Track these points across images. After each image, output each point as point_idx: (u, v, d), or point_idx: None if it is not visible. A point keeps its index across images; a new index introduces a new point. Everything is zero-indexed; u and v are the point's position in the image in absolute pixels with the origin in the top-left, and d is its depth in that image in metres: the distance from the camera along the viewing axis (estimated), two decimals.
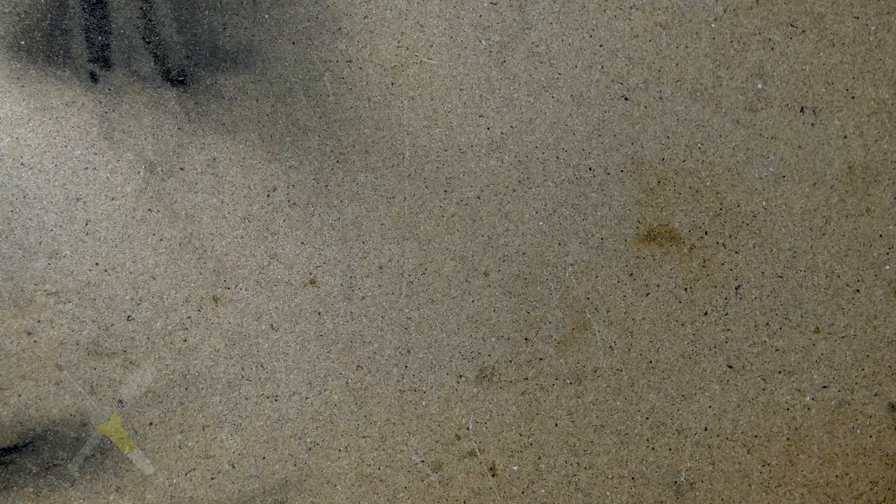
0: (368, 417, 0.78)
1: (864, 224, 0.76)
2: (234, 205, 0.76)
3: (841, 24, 0.74)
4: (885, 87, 0.74)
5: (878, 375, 0.77)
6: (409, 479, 0.78)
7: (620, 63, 0.74)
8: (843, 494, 0.78)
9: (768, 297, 0.76)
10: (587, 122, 0.75)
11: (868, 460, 0.78)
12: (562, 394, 0.77)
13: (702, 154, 0.75)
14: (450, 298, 0.77)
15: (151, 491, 0.78)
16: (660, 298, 0.76)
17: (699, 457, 0.78)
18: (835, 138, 0.75)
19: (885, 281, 0.76)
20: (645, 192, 0.75)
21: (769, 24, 0.74)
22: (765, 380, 0.77)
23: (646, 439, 0.78)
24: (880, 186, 0.75)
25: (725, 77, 0.74)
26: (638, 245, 0.76)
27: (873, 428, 0.77)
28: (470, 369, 0.77)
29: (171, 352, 0.77)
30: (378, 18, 0.73)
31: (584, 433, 0.78)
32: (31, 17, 0.73)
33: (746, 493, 0.78)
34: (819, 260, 0.76)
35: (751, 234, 0.76)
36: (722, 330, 0.76)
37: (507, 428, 0.78)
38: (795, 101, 0.75)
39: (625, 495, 0.78)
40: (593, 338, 0.77)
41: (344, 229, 0.76)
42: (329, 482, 0.78)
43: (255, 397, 0.77)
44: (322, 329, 0.77)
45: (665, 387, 0.77)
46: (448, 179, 0.75)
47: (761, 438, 0.78)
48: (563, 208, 0.75)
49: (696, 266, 0.76)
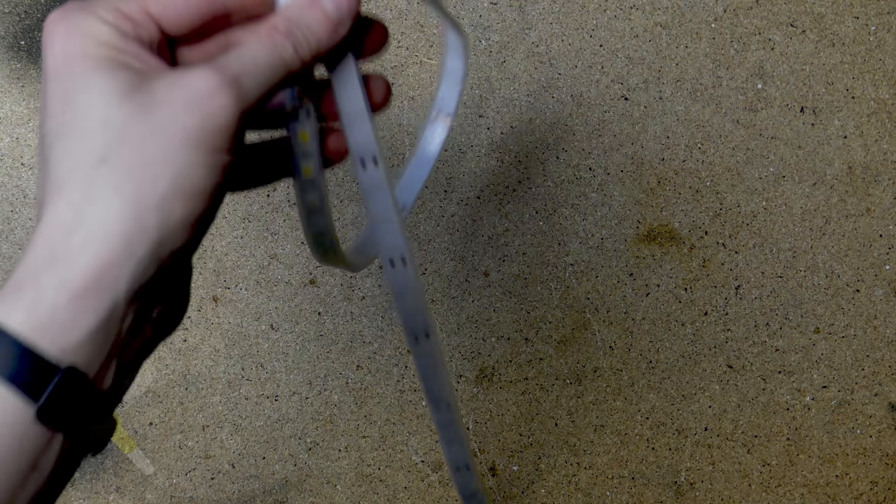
0: (368, 417, 0.78)
1: (864, 224, 0.76)
2: (234, 205, 0.76)
3: (841, 24, 0.74)
4: (885, 87, 0.74)
5: (878, 375, 0.77)
6: (409, 479, 0.78)
7: (620, 63, 0.74)
8: (843, 494, 0.78)
9: (768, 297, 0.76)
10: (587, 122, 0.75)
11: (868, 460, 0.78)
12: (562, 394, 0.77)
13: (702, 154, 0.75)
14: (450, 298, 0.77)
15: (151, 491, 0.78)
16: (660, 298, 0.76)
17: (699, 457, 0.78)
18: (835, 138, 0.75)
19: (885, 281, 0.76)
20: (645, 192, 0.75)
21: (769, 24, 0.74)
22: (765, 380, 0.77)
23: (646, 439, 0.78)
24: (880, 186, 0.75)
25: (725, 77, 0.74)
26: (638, 245, 0.76)
27: (873, 428, 0.77)
28: (470, 369, 0.77)
29: (171, 352, 0.77)
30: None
31: (584, 433, 0.78)
32: (31, 17, 0.73)
33: (746, 493, 0.78)
34: (819, 260, 0.76)
35: (751, 234, 0.76)
36: (722, 330, 0.77)
37: (507, 428, 0.78)
38: (795, 101, 0.75)
39: (625, 495, 0.78)
40: (593, 338, 0.77)
41: (344, 229, 0.76)
42: (329, 482, 0.78)
43: (255, 397, 0.77)
44: (322, 329, 0.77)
45: (665, 387, 0.77)
46: (448, 179, 0.75)
47: (761, 438, 0.78)
48: (563, 208, 0.75)
49: (696, 266, 0.76)
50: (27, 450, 0.31)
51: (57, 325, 0.31)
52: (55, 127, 0.33)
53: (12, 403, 0.30)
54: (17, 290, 0.32)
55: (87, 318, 0.31)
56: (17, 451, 0.31)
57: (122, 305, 0.32)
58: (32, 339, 0.31)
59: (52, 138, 0.33)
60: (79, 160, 0.33)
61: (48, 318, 0.31)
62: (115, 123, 0.33)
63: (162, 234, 0.32)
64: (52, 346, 0.31)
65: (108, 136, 0.33)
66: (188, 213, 0.33)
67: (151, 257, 0.32)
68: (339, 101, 0.38)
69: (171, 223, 0.33)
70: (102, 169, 0.32)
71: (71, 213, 0.32)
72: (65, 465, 0.33)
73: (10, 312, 0.31)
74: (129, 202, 0.32)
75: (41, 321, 0.31)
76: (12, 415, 0.30)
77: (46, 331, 0.31)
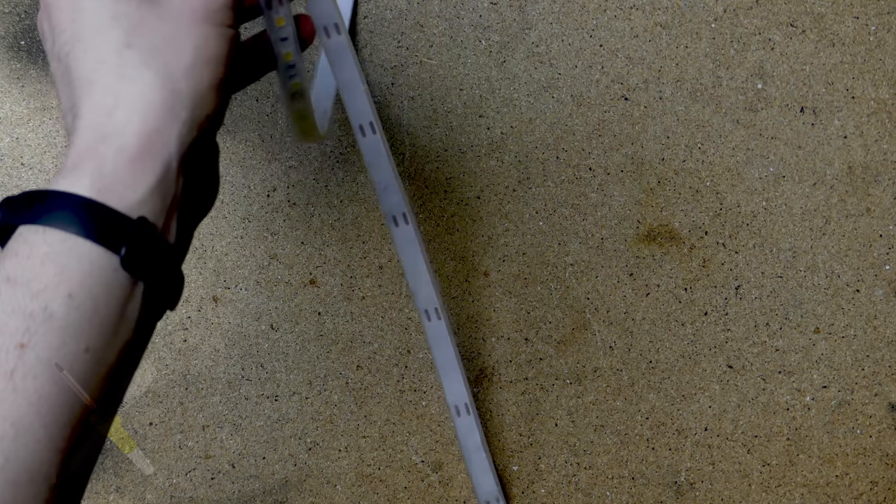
0: (368, 417, 0.78)
1: (864, 224, 0.75)
2: (234, 205, 0.76)
3: (841, 24, 0.74)
4: (885, 87, 0.74)
5: (878, 375, 0.77)
6: (409, 479, 0.78)
7: (620, 63, 0.74)
8: (843, 494, 0.78)
9: (768, 297, 0.76)
10: (587, 122, 0.75)
11: (868, 460, 0.78)
12: (562, 394, 0.77)
13: (702, 154, 0.75)
14: (450, 298, 0.77)
15: (151, 491, 0.78)
16: (660, 298, 0.76)
17: (699, 457, 0.78)
18: (835, 138, 0.75)
19: (885, 281, 0.76)
20: (645, 192, 0.75)
21: (769, 24, 0.74)
22: (765, 380, 0.77)
23: (646, 439, 0.78)
24: (880, 186, 0.75)
25: (725, 77, 0.74)
26: (638, 245, 0.76)
27: (873, 428, 0.77)
28: (470, 369, 0.77)
29: (171, 352, 0.77)
30: (378, 18, 0.73)
31: (584, 433, 0.78)
32: (31, 17, 0.73)
33: (746, 493, 0.78)
34: (819, 260, 0.76)
35: (751, 234, 0.76)
36: (722, 330, 0.76)
37: (507, 428, 0.78)
38: (795, 101, 0.75)
39: (625, 495, 0.78)
40: (593, 338, 0.77)
41: (344, 229, 0.76)
42: (329, 482, 0.78)
43: (255, 397, 0.77)
44: (322, 329, 0.77)
45: (665, 387, 0.77)
46: (448, 179, 0.75)
47: (761, 438, 0.78)
48: (563, 208, 0.75)
49: (696, 266, 0.76)
50: (115, 297, 0.34)
51: (121, 185, 0.34)
52: (68, 38, 0.36)
53: (98, 255, 0.33)
54: (78, 166, 0.35)
55: (147, 177, 0.35)
56: (107, 301, 0.34)
57: (174, 166, 0.36)
58: (102, 201, 0.34)
59: (68, 47, 0.36)
60: (102, 52, 0.35)
61: (112, 181, 0.34)
62: (127, 16, 0.36)
63: (195, 98, 0.36)
64: (121, 203, 0.34)
65: (123, 26, 0.36)
66: (213, 78, 0.37)
67: (192, 121, 0.36)
68: None
69: (201, 88, 0.36)
70: (128, 52, 0.35)
71: (109, 96, 0.35)
72: (147, 317, 0.37)
73: (76, 183, 0.34)
74: (161, 74, 0.35)
75: (106, 184, 0.34)
76: (99, 267, 0.33)
77: (112, 192, 0.34)
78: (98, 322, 0.33)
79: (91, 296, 0.33)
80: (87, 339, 0.33)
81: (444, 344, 0.56)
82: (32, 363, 0.31)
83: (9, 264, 0.33)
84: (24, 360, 0.31)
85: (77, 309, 0.33)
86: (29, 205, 0.34)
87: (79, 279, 0.33)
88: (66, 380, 0.32)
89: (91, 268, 0.33)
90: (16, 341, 0.31)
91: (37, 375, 0.31)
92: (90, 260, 0.33)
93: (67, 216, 0.33)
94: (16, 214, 0.34)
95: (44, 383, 0.32)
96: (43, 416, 0.31)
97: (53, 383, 0.32)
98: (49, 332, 0.32)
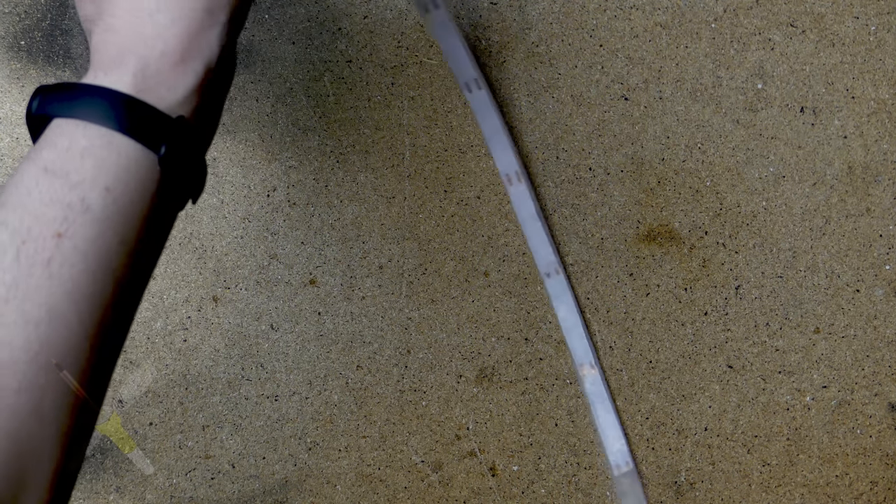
0: (368, 417, 0.78)
1: (864, 224, 0.76)
2: (234, 205, 0.76)
3: (841, 24, 0.74)
4: (885, 87, 0.74)
5: (878, 375, 0.77)
6: (409, 479, 0.78)
7: (620, 63, 0.74)
8: (843, 494, 0.78)
9: (768, 297, 0.76)
10: (587, 122, 0.75)
11: (868, 460, 0.78)
12: (562, 394, 0.77)
13: (702, 154, 0.75)
14: (450, 298, 0.77)
15: (151, 491, 0.78)
16: (660, 298, 0.76)
17: (699, 457, 0.78)
18: (835, 138, 0.75)
19: (885, 281, 0.76)
20: (645, 192, 0.75)
21: (769, 24, 0.74)
22: (765, 380, 0.77)
23: (646, 439, 0.78)
24: (880, 186, 0.75)
25: (725, 77, 0.74)
26: (638, 245, 0.76)
27: (873, 428, 0.77)
28: (470, 369, 0.77)
29: (171, 352, 0.77)
30: (378, 18, 0.73)
31: (584, 433, 0.78)
32: (31, 17, 0.73)
33: (746, 493, 0.78)
34: (819, 260, 0.76)
35: (751, 234, 0.76)
36: (722, 330, 0.76)
37: (507, 428, 0.78)
38: (795, 101, 0.75)
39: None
40: (593, 338, 0.77)
41: (344, 229, 0.76)
42: (329, 482, 0.78)
43: (255, 397, 0.77)
44: (322, 329, 0.77)
45: (665, 387, 0.77)
46: (448, 179, 0.75)
47: (761, 438, 0.78)
48: (563, 208, 0.75)
49: (696, 266, 0.76)
50: (149, 192, 0.35)
51: (163, 87, 0.36)
52: None
53: (136, 152, 0.34)
54: (120, 65, 0.36)
55: (188, 79, 0.36)
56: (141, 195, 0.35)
57: (213, 66, 0.37)
58: (143, 100, 0.35)
59: None
60: None
61: (155, 82, 0.35)
62: None
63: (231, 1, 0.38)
64: (161, 102, 0.35)
65: None
66: None
67: (229, 23, 0.38)
68: None
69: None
70: None
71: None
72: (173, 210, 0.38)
73: (118, 81, 0.35)
74: None
75: (149, 86, 0.35)
76: (136, 162, 0.34)
77: (153, 92, 0.35)
78: (132, 215, 0.34)
79: (127, 190, 0.34)
80: (122, 232, 0.34)
81: (488, 114, 0.55)
82: (69, 252, 0.32)
83: (47, 155, 0.34)
84: (61, 249, 0.32)
85: (114, 202, 0.33)
86: (69, 97, 0.34)
87: (115, 174, 0.34)
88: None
89: (129, 163, 0.34)
90: (53, 230, 0.32)
91: (74, 264, 0.32)
92: (128, 156, 0.34)
93: (109, 112, 0.34)
94: (54, 105, 0.35)
95: (80, 272, 0.32)
96: (77, 303, 0.32)
97: (88, 273, 0.33)
98: (86, 223, 0.33)
